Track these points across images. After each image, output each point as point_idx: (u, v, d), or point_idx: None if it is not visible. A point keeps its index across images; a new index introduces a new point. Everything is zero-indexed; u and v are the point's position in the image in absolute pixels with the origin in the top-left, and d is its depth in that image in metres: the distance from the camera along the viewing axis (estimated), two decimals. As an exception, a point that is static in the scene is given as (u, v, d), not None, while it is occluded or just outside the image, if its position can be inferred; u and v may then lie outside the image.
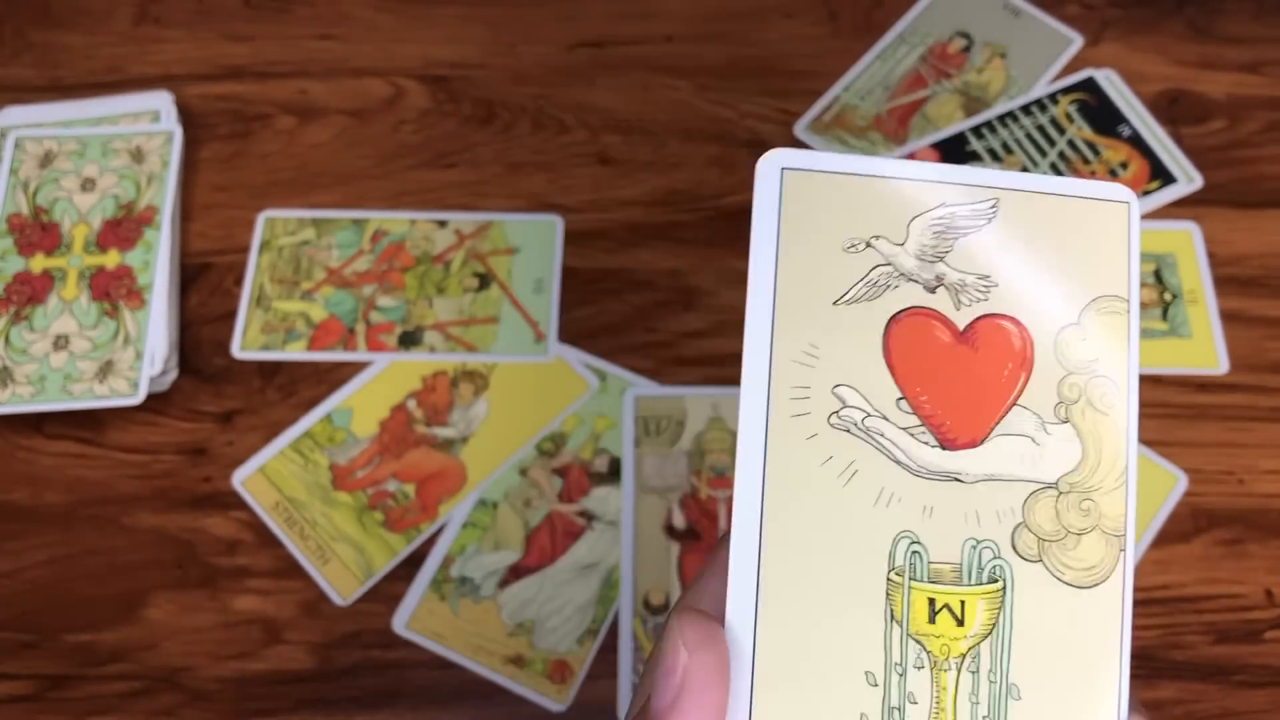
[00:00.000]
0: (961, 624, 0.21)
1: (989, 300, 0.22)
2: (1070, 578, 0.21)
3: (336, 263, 0.51)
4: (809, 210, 0.22)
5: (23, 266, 0.50)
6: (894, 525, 0.21)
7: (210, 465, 0.47)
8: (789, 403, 0.21)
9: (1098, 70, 0.55)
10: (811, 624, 0.21)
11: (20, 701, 0.43)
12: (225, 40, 0.58)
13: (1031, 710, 0.20)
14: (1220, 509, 0.45)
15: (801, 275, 0.22)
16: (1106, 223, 0.22)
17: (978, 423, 0.21)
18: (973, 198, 0.22)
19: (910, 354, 0.21)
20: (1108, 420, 0.21)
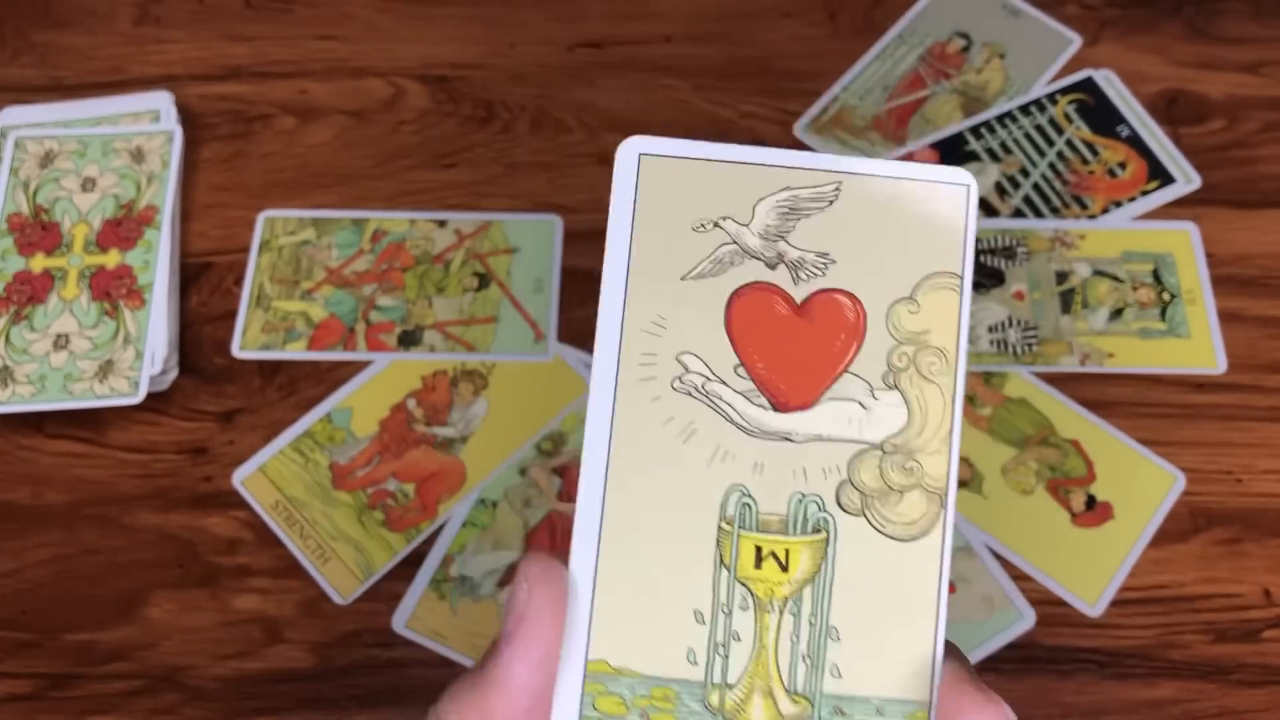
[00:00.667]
0: (785, 570, 0.22)
1: (826, 276, 0.23)
2: (891, 531, 0.23)
3: (336, 262, 0.51)
4: (663, 193, 0.24)
5: (23, 266, 0.50)
6: (727, 479, 0.23)
7: (210, 464, 0.47)
8: (637, 368, 0.23)
9: (1096, 70, 0.55)
10: (647, 566, 0.22)
11: (21, 700, 0.43)
12: (226, 40, 0.58)
13: (849, 650, 0.22)
14: (1218, 508, 0.45)
15: (653, 252, 0.23)
16: (945, 205, 0.24)
17: (809, 387, 0.23)
18: (816, 181, 0.24)
19: (749, 325, 0.23)
20: (934, 388, 0.23)
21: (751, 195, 0.24)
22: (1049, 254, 0.50)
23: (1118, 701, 0.42)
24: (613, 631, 0.22)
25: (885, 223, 0.24)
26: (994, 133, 0.54)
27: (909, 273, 0.23)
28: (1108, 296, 0.49)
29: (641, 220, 0.24)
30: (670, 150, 0.24)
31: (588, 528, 0.23)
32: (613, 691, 0.22)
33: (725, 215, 0.24)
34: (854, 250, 0.23)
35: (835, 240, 0.24)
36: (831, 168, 0.24)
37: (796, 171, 0.24)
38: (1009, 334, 0.49)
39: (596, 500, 0.23)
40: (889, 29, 0.58)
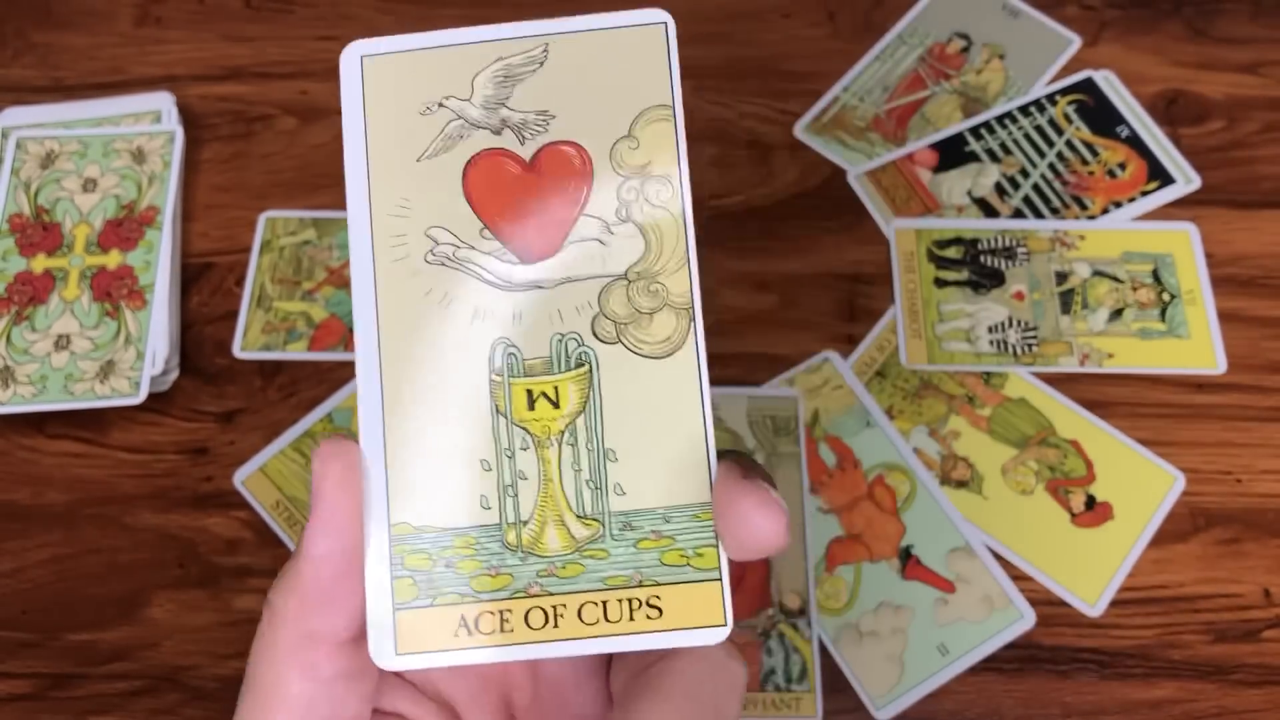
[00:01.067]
0: (557, 406, 0.24)
1: (549, 131, 0.25)
2: (648, 350, 0.24)
3: (337, 263, 0.51)
4: (387, 86, 0.25)
5: (24, 266, 0.50)
6: (490, 335, 0.24)
7: (211, 465, 0.47)
8: (390, 249, 0.24)
9: (1096, 71, 0.55)
10: (430, 428, 0.24)
11: (22, 700, 0.43)
12: (226, 41, 0.58)
13: (628, 469, 0.24)
14: (1218, 509, 0.45)
15: (387, 142, 0.25)
16: (646, 45, 0.25)
17: (550, 236, 0.25)
18: (524, 48, 0.25)
19: (486, 189, 0.25)
20: (664, 213, 0.25)
21: (468, 72, 0.25)
22: (1049, 254, 0.51)
23: (1117, 701, 0.42)
24: (409, 494, 0.24)
25: (594, 73, 0.25)
26: (994, 133, 0.54)
27: (624, 113, 0.25)
28: (1107, 297, 0.49)
29: (372, 115, 0.25)
30: (388, 48, 0.26)
31: (370, 402, 0.24)
32: (418, 549, 0.23)
33: (447, 95, 0.25)
34: (570, 103, 0.25)
35: (551, 98, 0.25)
36: (535, 32, 0.25)
37: (505, 43, 0.25)
38: (1009, 334, 0.49)
39: (374, 376, 0.24)
40: (889, 29, 0.58)
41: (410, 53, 0.26)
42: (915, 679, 0.42)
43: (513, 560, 0.24)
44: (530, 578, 0.23)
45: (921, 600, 0.44)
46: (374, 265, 0.24)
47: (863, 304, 0.50)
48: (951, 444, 0.47)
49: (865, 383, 0.48)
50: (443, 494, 0.24)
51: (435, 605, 0.23)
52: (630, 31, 0.25)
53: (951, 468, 0.46)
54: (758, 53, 0.57)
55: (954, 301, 0.49)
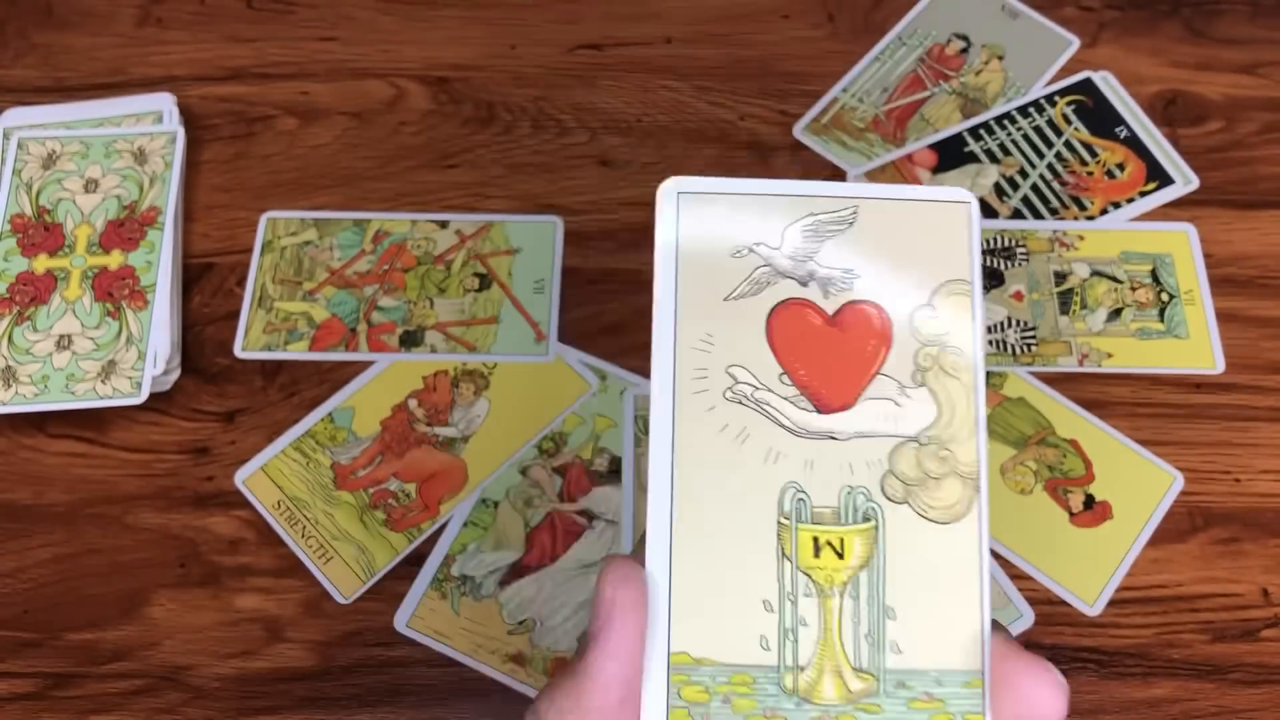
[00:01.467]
0: (842, 557, 0.24)
1: (853, 290, 0.26)
2: (933, 515, 0.25)
3: (338, 263, 0.51)
4: (701, 226, 0.26)
5: (26, 267, 0.51)
6: (781, 478, 0.25)
7: (212, 464, 0.47)
8: (691, 382, 0.25)
9: (1095, 72, 0.55)
10: (716, 562, 0.24)
11: (23, 700, 0.43)
12: (227, 42, 0.58)
13: (905, 626, 0.24)
14: (1217, 508, 0.45)
15: (697, 279, 0.26)
16: (951, 220, 0.26)
17: (847, 389, 0.25)
18: (835, 207, 0.26)
19: (788, 336, 0.26)
20: (958, 383, 0.25)
21: (780, 222, 0.26)
22: (1048, 255, 0.51)
23: (1116, 700, 0.42)
24: (691, 625, 0.24)
25: (900, 239, 0.26)
26: (993, 134, 0.54)
27: (925, 282, 0.26)
28: (1106, 297, 0.50)
29: (686, 251, 0.26)
30: (706, 188, 0.27)
31: (660, 531, 0.24)
32: (695, 681, 0.24)
33: (759, 241, 0.26)
34: (875, 265, 0.26)
35: (858, 257, 0.26)
36: (848, 194, 0.26)
37: (818, 199, 0.26)
38: (1008, 334, 0.49)
39: (665, 505, 0.25)
40: (888, 30, 0.58)
41: (727, 195, 0.27)
42: (915, 678, 0.42)
43: (788, 704, 0.24)
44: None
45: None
46: (674, 395, 0.25)
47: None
48: (951, 444, 0.47)
49: (865, 383, 0.48)
50: (724, 629, 0.24)
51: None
52: (937, 206, 0.26)
53: (951, 467, 0.46)
54: (757, 53, 0.57)
55: (953, 302, 0.50)
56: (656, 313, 0.26)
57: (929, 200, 0.26)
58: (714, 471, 0.25)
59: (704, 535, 0.24)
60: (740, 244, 0.26)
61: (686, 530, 0.24)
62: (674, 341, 0.26)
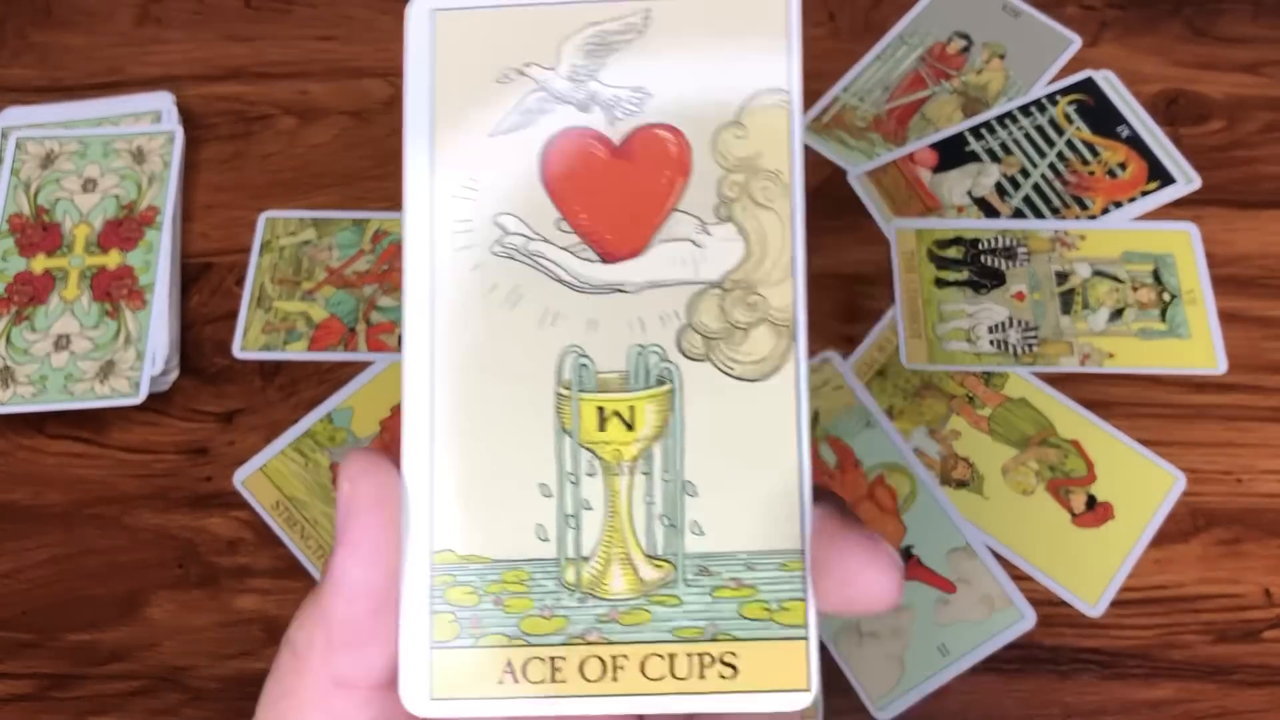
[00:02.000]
0: (631, 428, 0.21)
1: (644, 111, 0.22)
2: (740, 371, 0.21)
3: (337, 263, 0.51)
4: (461, 47, 0.22)
5: (24, 267, 0.50)
6: (560, 341, 0.21)
7: (211, 465, 0.47)
8: (452, 236, 0.22)
9: (1096, 71, 0.55)
10: (485, 444, 0.21)
11: (21, 701, 0.43)
12: (226, 41, 0.58)
13: (709, 505, 0.21)
14: (1219, 509, 0.45)
15: (456, 111, 0.22)
16: (763, 17, 0.22)
17: (637, 233, 0.22)
18: (622, 13, 0.22)
19: (567, 175, 0.22)
20: (771, 214, 0.21)
21: (555, 37, 0.22)
22: (1049, 254, 0.50)
23: (1118, 702, 0.42)
24: (456, 518, 0.21)
25: (701, 45, 0.22)
26: (994, 133, 0.54)
27: (732, 95, 0.22)
28: (1108, 297, 0.49)
29: (441, 79, 0.22)
30: (465, 2, 0.22)
31: (417, 411, 0.21)
32: (462, 581, 0.21)
33: (529, 61, 0.22)
34: (671, 80, 0.22)
35: (650, 72, 0.22)
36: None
37: (601, 5, 0.22)
38: (1009, 334, 0.49)
39: (424, 379, 0.21)
40: (889, 29, 0.58)
41: (489, 10, 0.22)
42: (916, 679, 0.42)
43: (570, 601, 0.21)
44: (589, 623, 0.21)
45: (922, 600, 0.44)
46: (432, 253, 0.22)
47: (863, 304, 0.50)
48: (952, 444, 0.47)
49: (865, 383, 0.48)
50: (494, 521, 0.21)
51: (478, 646, 0.21)
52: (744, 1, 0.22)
53: (952, 468, 0.46)
54: (758, 53, 0.57)
55: (954, 301, 0.49)
56: (407, 157, 0.22)
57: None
58: (480, 339, 0.21)
59: (470, 414, 0.21)
60: (507, 66, 0.22)
61: (448, 409, 0.21)
62: (430, 189, 0.22)
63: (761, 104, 0.22)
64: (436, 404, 0.21)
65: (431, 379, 0.21)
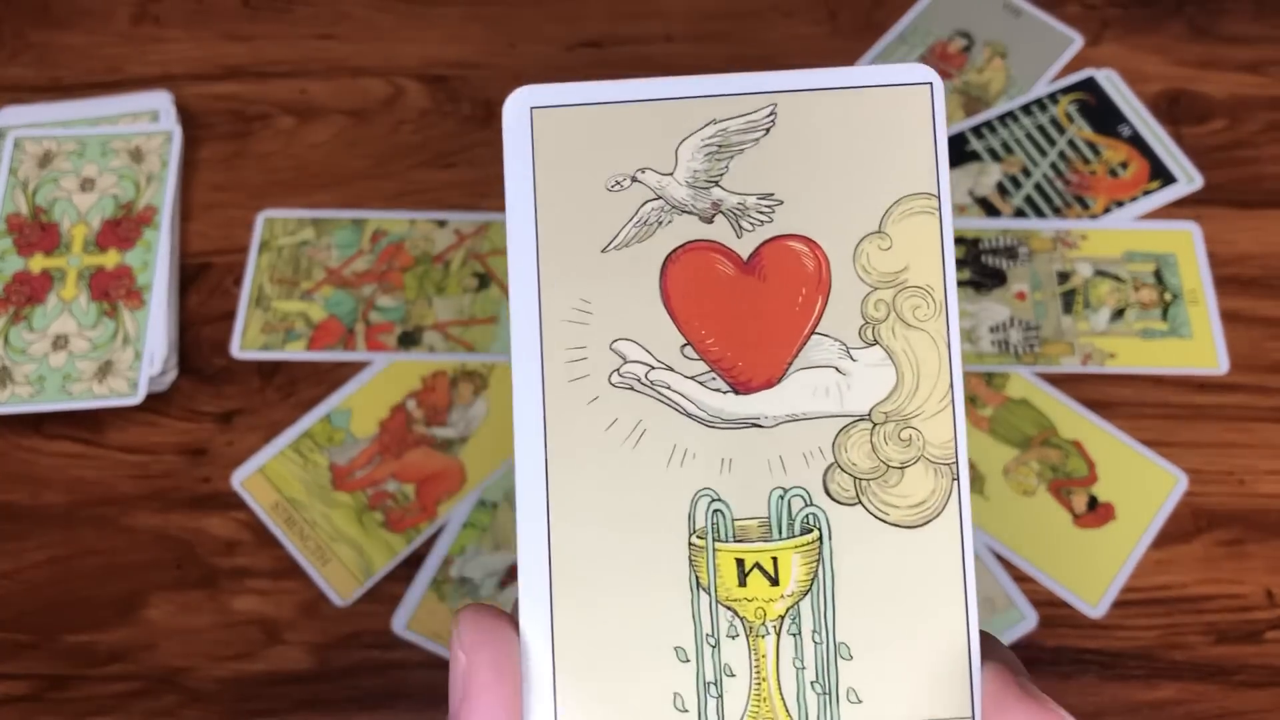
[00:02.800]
0: (776, 583, 0.19)
1: (774, 221, 0.19)
2: (896, 517, 0.19)
3: (336, 263, 0.51)
4: (566, 150, 0.20)
5: (22, 266, 0.50)
6: (691, 484, 0.19)
7: (209, 465, 0.47)
8: (565, 366, 0.19)
9: (1098, 70, 0.55)
10: (611, 603, 0.19)
11: (19, 702, 0.43)
12: (224, 40, 0.58)
13: (865, 669, 0.18)
14: (1221, 509, 0.45)
15: (564, 223, 0.19)
16: (905, 112, 0.19)
17: (772, 359, 0.19)
18: (745, 108, 0.20)
19: (691, 294, 0.19)
20: (923, 336, 0.19)
21: (671, 137, 0.20)
22: (1050, 254, 0.50)
23: (1120, 703, 0.42)
24: (581, 689, 0.18)
25: (836, 145, 0.19)
26: (995, 132, 0.54)
27: (874, 201, 0.19)
28: (1109, 297, 0.49)
29: (544, 187, 0.20)
30: (567, 98, 0.20)
31: (534, 569, 0.19)
32: None
33: (643, 166, 0.20)
34: (803, 185, 0.19)
35: (779, 176, 0.19)
36: (761, 88, 0.20)
37: (719, 100, 0.20)
38: (1010, 334, 0.48)
39: (540, 534, 0.19)
40: (890, 28, 0.57)
41: (594, 106, 0.20)
42: (917, 681, 0.42)
43: None
44: None
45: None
46: (543, 385, 0.19)
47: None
48: (953, 444, 0.47)
49: (866, 383, 0.48)
50: (626, 690, 0.18)
51: None
52: (883, 94, 0.19)
53: (953, 468, 0.46)
54: (759, 51, 0.57)
55: (955, 301, 0.49)
56: (512, 274, 0.19)
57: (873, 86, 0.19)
58: (601, 483, 0.19)
59: (593, 569, 0.19)
60: (619, 171, 0.20)
61: (569, 564, 0.19)
62: (538, 313, 0.19)
63: (907, 211, 0.19)
64: (555, 559, 0.19)
65: (548, 530, 0.19)
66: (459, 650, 0.18)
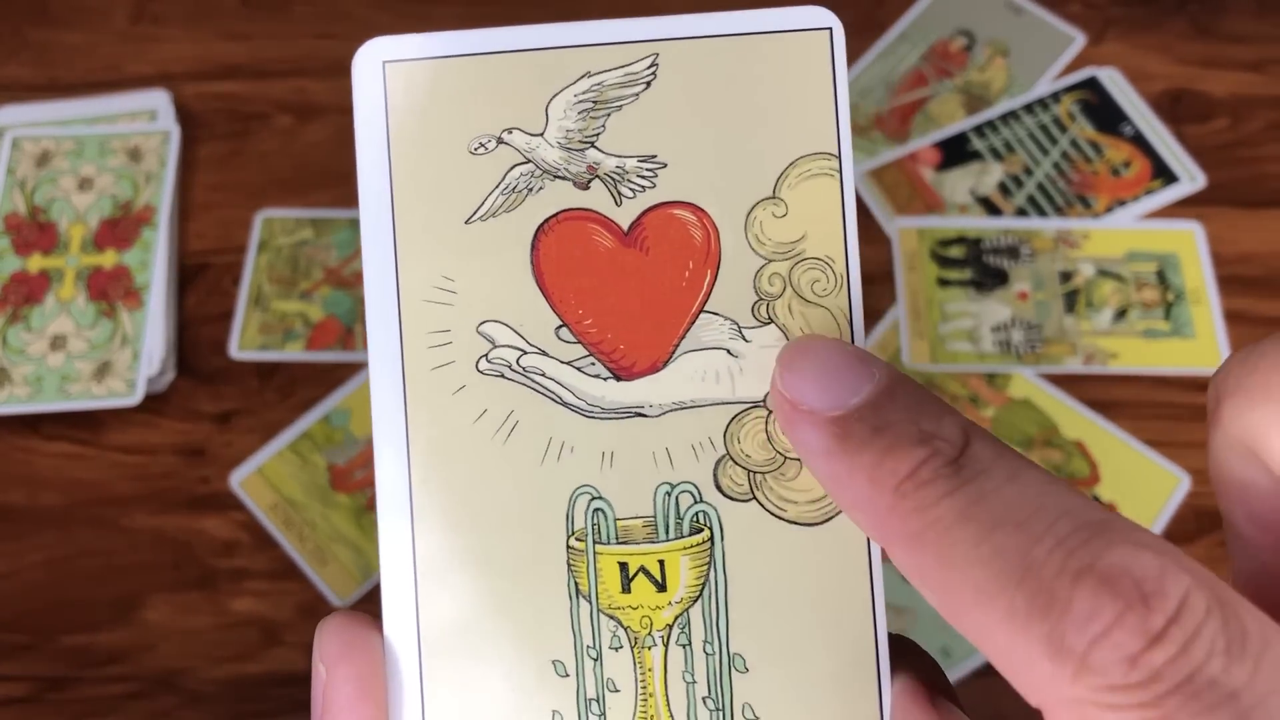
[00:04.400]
0: (663, 589, 0.17)
1: (657, 187, 0.17)
2: (794, 514, 0.17)
3: (335, 262, 0.51)
4: (423, 109, 0.18)
5: (19, 266, 0.50)
6: (569, 480, 0.17)
7: (208, 466, 0.47)
8: (426, 352, 0.17)
9: (1100, 69, 0.55)
10: (483, 613, 0.17)
11: (18, 703, 0.43)
12: (223, 39, 0.58)
13: (763, 681, 0.17)
14: (1223, 510, 0.45)
15: (423, 192, 0.18)
16: (801, 62, 0.17)
17: (657, 342, 0.17)
18: (623, 58, 0.17)
19: (566, 270, 0.17)
20: (823, 312, 0.17)
21: (541, 92, 0.18)
22: (1053, 254, 0.50)
23: (1122, 705, 0.42)
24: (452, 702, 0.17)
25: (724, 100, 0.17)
26: (997, 131, 0.54)
27: (767, 163, 0.17)
28: (1112, 296, 0.49)
29: (400, 150, 0.18)
30: (421, 50, 0.18)
31: (398, 576, 0.17)
32: None
33: (510, 126, 0.18)
34: (689, 145, 0.17)
35: (662, 136, 0.17)
36: (641, 35, 0.17)
37: (595, 50, 0.17)
38: (1012, 334, 0.48)
39: (403, 536, 0.17)
40: (891, 27, 0.57)
41: (454, 59, 0.18)
42: (918, 682, 0.42)
43: None
44: None
45: (924, 602, 0.43)
46: (403, 373, 0.17)
47: (865, 304, 0.49)
48: (954, 445, 0.46)
49: (867, 383, 0.48)
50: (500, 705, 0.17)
51: None
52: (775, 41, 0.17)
53: (954, 469, 0.46)
54: (759, 50, 0.57)
55: (957, 301, 0.49)
56: (366, 250, 0.17)
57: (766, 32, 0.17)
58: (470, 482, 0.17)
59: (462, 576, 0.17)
60: (482, 132, 0.18)
61: (435, 570, 0.17)
62: (395, 293, 0.17)
63: (804, 173, 0.17)
64: (420, 565, 0.17)
65: (411, 533, 0.17)
66: (319, 662, 0.17)
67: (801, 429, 0.15)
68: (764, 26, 0.18)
